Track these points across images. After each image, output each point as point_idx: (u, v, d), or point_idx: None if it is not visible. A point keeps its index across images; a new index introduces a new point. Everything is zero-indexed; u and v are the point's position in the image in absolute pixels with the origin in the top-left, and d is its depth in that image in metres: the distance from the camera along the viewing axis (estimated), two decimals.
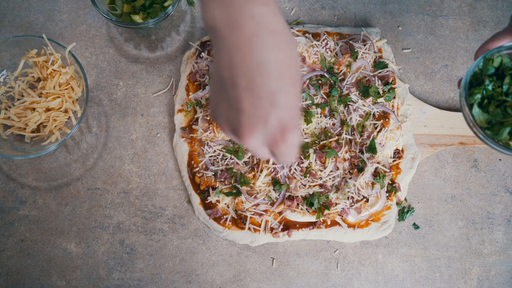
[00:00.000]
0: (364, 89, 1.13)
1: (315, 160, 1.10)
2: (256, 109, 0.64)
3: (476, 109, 0.80)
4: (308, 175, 1.10)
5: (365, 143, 1.12)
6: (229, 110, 0.67)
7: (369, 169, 1.09)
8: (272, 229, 1.11)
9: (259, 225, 1.11)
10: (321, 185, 1.10)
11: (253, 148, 0.69)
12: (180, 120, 1.17)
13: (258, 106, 0.64)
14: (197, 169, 1.13)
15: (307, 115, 1.11)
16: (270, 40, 0.64)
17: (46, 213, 1.15)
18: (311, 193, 1.10)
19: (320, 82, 1.14)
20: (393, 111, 1.15)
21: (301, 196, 1.10)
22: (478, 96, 0.80)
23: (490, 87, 0.80)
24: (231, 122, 0.68)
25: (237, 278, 1.13)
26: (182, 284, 1.13)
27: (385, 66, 1.15)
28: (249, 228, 1.11)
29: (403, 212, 1.16)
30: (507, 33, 0.84)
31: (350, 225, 1.12)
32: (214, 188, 1.12)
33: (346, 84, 1.14)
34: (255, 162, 1.10)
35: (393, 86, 1.16)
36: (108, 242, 1.14)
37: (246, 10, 0.64)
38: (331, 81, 1.14)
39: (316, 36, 1.19)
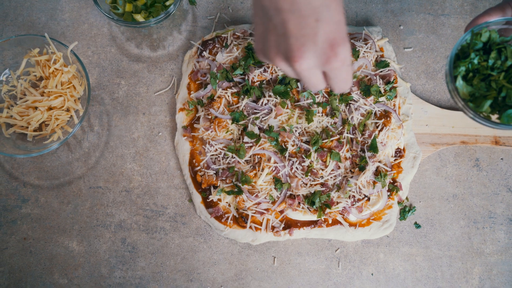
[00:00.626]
0: (366, 88, 1.13)
1: (317, 158, 1.10)
2: (303, 29, 0.66)
3: (460, 82, 0.81)
4: (309, 174, 1.10)
5: (366, 142, 1.12)
6: (277, 38, 0.68)
7: (371, 168, 1.09)
8: (273, 227, 1.11)
9: (261, 224, 1.11)
10: (322, 184, 1.10)
11: (306, 71, 0.69)
12: (182, 119, 1.17)
13: (304, 25, 0.66)
14: (199, 167, 1.13)
15: (308, 114, 1.11)
16: None
17: (48, 211, 1.16)
18: (312, 192, 1.10)
19: None
20: (395, 110, 1.15)
21: (302, 195, 1.10)
22: (463, 68, 0.81)
23: (476, 61, 0.81)
24: (281, 50, 0.69)
25: (239, 277, 1.14)
26: (184, 283, 1.13)
27: (387, 65, 1.15)
28: (250, 227, 1.11)
29: (405, 211, 1.16)
30: (499, 9, 0.84)
31: (351, 224, 1.12)
32: (215, 187, 1.12)
33: None
34: (256, 161, 1.11)
35: (395, 85, 1.16)
36: (110, 240, 1.15)
37: None
38: None
39: None
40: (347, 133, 1.12)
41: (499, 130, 1.16)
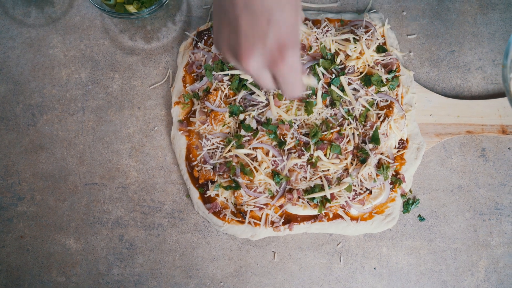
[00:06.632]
0: (367, 77, 1.09)
1: (316, 151, 1.06)
2: (254, 28, 0.65)
3: None
4: (309, 167, 1.06)
5: (368, 133, 1.08)
6: (229, 33, 0.68)
7: (372, 160, 1.06)
8: (272, 222, 1.09)
9: (260, 219, 1.09)
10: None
11: (254, 70, 0.69)
12: (178, 112, 1.14)
13: (255, 24, 0.65)
14: (196, 162, 1.11)
15: (307, 105, 1.07)
16: None
17: (44, 209, 1.14)
18: (312, 185, 1.07)
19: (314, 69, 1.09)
20: (397, 100, 1.11)
21: (302, 189, 1.07)
22: None
23: None
24: (231, 45, 0.69)
25: (238, 273, 1.12)
26: (183, 279, 1.12)
27: (385, 50, 1.11)
28: (249, 222, 1.09)
29: (408, 204, 1.12)
30: None
31: (353, 218, 1.10)
32: (213, 182, 1.10)
33: (347, 72, 1.10)
34: (254, 155, 1.07)
35: (397, 74, 1.12)
36: (107, 237, 1.13)
37: None
38: (333, 69, 1.10)
39: (316, 23, 1.15)
40: (347, 124, 1.08)
41: (506, 118, 1.12)
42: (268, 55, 0.67)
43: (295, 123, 1.08)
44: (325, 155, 1.07)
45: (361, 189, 1.07)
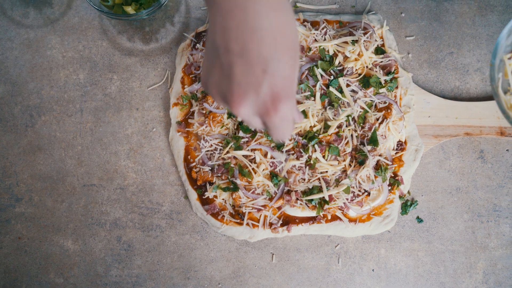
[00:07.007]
0: (365, 79, 1.09)
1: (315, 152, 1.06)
2: (248, 76, 0.63)
3: None
4: (307, 169, 1.06)
5: (366, 135, 1.08)
6: (221, 77, 0.66)
7: (371, 162, 1.06)
8: (271, 224, 1.09)
9: (258, 221, 1.09)
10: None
11: (245, 117, 0.67)
12: (176, 114, 1.14)
13: (250, 73, 0.63)
14: (194, 164, 1.11)
15: (303, 111, 1.07)
16: (265, 4, 0.61)
17: (42, 210, 1.14)
18: (310, 187, 1.07)
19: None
20: (396, 102, 1.11)
21: (301, 190, 1.07)
22: None
23: None
24: (222, 90, 0.66)
25: (236, 274, 1.12)
26: (181, 281, 1.12)
27: (383, 51, 1.11)
28: (247, 224, 1.09)
29: (406, 205, 1.12)
30: None
31: (351, 220, 1.10)
32: (211, 183, 1.10)
33: (346, 74, 1.10)
34: (252, 157, 1.07)
35: (396, 75, 1.12)
36: (105, 239, 1.13)
37: None
38: (331, 71, 1.10)
39: (315, 24, 1.15)
40: (346, 126, 1.08)
41: (504, 120, 1.12)
42: (261, 105, 0.65)
43: None
44: (324, 156, 1.07)
45: (359, 190, 1.07)
